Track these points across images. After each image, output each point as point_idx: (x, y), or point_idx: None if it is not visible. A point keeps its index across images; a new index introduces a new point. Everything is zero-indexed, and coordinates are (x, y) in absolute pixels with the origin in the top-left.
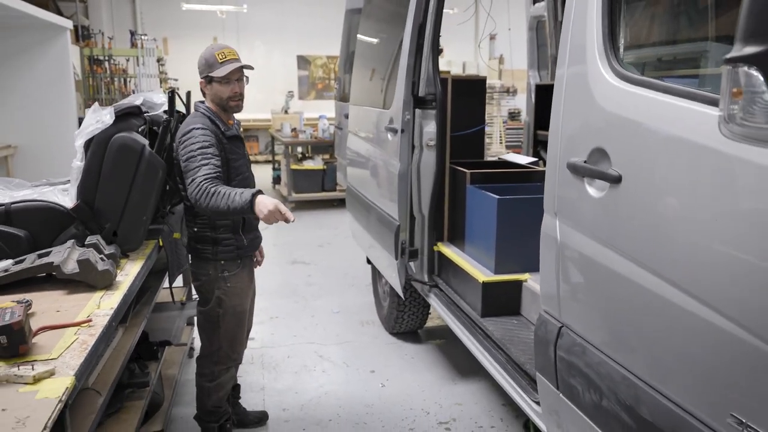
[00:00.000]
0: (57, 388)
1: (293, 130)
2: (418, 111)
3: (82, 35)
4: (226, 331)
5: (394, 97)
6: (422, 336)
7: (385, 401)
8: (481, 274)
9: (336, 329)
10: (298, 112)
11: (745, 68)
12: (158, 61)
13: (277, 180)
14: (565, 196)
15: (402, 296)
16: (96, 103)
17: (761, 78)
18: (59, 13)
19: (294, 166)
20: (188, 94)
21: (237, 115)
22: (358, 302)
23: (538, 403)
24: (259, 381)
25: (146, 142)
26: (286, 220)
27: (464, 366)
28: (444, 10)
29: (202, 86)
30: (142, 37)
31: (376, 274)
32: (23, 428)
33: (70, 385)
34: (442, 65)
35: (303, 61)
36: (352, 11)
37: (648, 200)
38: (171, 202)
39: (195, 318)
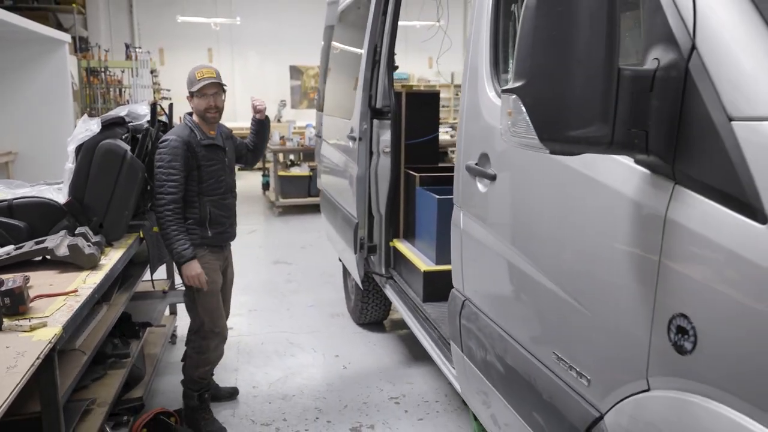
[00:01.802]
0: (48, 334)
1: (281, 138)
2: (375, 121)
3: (80, 47)
4: (202, 305)
5: (354, 109)
6: (387, 326)
7: (345, 380)
8: (424, 264)
9: (308, 321)
10: (291, 120)
11: (514, 96)
12: (152, 72)
13: (266, 186)
14: (465, 191)
15: (361, 287)
16: (86, 114)
17: (521, 104)
18: (59, 24)
19: (281, 173)
20: (170, 106)
21: (230, 124)
22: (331, 298)
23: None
24: (234, 363)
25: (128, 147)
26: (202, 287)
27: (420, 352)
28: (430, 22)
29: (188, 100)
30: (137, 49)
31: (346, 271)
32: (22, 358)
33: (58, 332)
34: (432, 75)
35: (295, 72)
36: (329, 27)
37: (510, 193)
38: (151, 200)
39: (176, 305)
